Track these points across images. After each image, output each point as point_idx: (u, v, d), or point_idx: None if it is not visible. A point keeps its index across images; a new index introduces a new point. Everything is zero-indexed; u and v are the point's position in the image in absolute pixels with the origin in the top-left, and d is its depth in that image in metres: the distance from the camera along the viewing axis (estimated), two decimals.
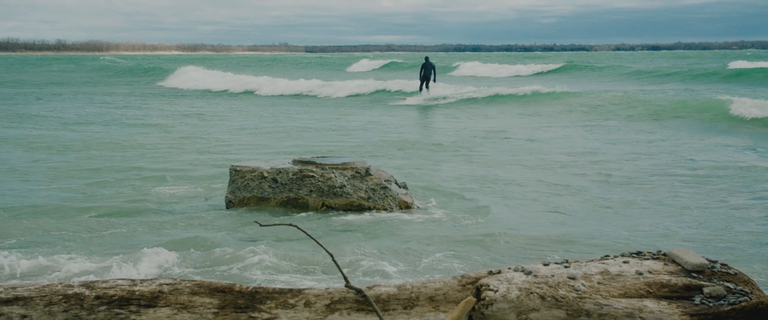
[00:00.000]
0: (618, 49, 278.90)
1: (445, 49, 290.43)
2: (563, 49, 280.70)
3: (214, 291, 3.65)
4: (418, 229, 8.18)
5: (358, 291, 3.55)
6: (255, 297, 3.60)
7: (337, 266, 3.76)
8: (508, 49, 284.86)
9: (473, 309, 3.34)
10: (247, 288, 3.67)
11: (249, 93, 36.53)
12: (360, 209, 9.06)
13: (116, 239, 7.78)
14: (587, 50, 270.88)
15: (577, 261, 3.61)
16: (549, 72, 56.05)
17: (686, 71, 46.37)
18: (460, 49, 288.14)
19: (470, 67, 65.34)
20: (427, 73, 30.08)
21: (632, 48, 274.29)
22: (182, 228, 8.24)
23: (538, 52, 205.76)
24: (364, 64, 79.13)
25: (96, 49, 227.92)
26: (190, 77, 44.52)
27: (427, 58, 30.75)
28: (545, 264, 3.57)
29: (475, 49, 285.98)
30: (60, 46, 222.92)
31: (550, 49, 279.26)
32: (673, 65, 59.89)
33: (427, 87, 30.19)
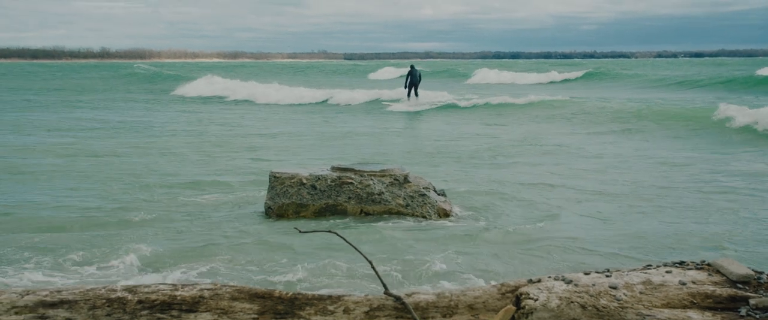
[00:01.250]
0: (659, 56, 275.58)
1: (484, 56, 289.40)
2: (604, 56, 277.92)
3: (253, 296, 3.67)
4: (457, 237, 8.14)
5: (397, 298, 3.54)
6: (294, 303, 3.62)
7: (376, 273, 3.76)
8: (548, 56, 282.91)
9: (513, 318, 3.32)
10: (287, 294, 3.68)
11: (249, 102, 36.43)
12: (398, 216, 9.05)
13: (157, 244, 7.86)
14: (628, 57, 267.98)
15: (619, 271, 3.57)
16: (570, 80, 55.36)
17: (708, 79, 45.82)
18: (498, 56, 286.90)
19: (486, 74, 64.97)
20: (413, 80, 30.73)
21: (674, 55, 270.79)
22: (222, 233, 8.30)
23: (576, 59, 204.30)
24: (388, 71, 79.78)
25: (139, 56, 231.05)
26: (202, 85, 44.38)
27: (412, 67, 31.50)
28: (586, 274, 3.54)
29: (514, 56, 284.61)
30: (104, 54, 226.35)
31: (591, 56, 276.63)
32: (697, 73, 58.88)
33: (415, 94, 30.76)
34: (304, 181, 9.30)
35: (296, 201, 9.24)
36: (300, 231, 3.79)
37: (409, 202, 9.19)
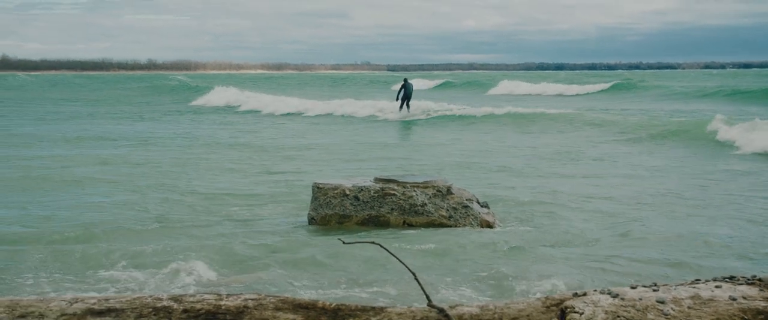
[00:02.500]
0: (707, 67, 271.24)
1: (528, 67, 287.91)
2: (649, 67, 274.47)
3: (297, 307, 3.68)
4: (501, 248, 8.09)
5: (441, 311, 3.52)
6: (338, 314, 3.62)
7: (420, 284, 3.75)
8: (592, 67, 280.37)
9: None
10: (330, 305, 3.69)
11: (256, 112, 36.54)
12: (442, 228, 9.03)
13: (202, 254, 7.93)
14: (674, 68, 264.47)
15: (666, 285, 3.51)
16: (593, 93, 54.70)
17: (728, 90, 45.22)
18: (542, 67, 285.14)
19: (508, 86, 64.69)
20: (406, 93, 31.31)
21: (722, 66, 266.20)
22: (265, 244, 8.35)
23: (619, 70, 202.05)
24: (418, 83, 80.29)
25: (185, 68, 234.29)
26: (221, 96, 44.49)
27: (405, 80, 32.08)
28: (633, 287, 3.49)
29: (558, 67, 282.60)
30: (150, 66, 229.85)
31: (636, 67, 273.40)
32: (725, 84, 57.77)
33: (407, 106, 31.34)
34: (347, 192, 9.33)
35: (339, 212, 9.27)
36: (343, 242, 3.80)
37: (452, 214, 9.16)
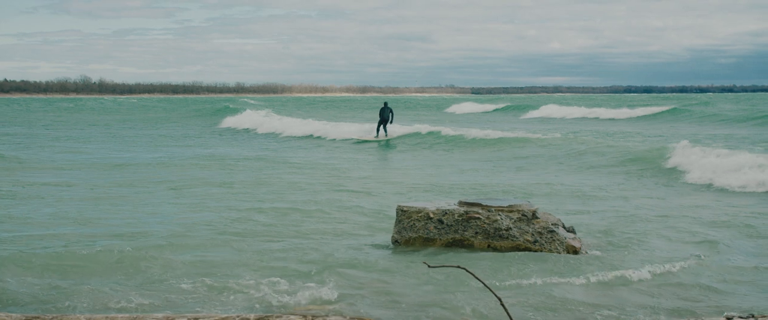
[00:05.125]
0: None
1: (615, 90, 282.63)
2: (743, 90, 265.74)
3: None
4: (588, 275, 7.92)
5: None
6: None
7: (505, 310, 3.72)
8: (683, 90, 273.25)
9: None
10: None
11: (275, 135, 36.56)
12: (527, 252, 8.92)
13: (285, 274, 8.02)
14: None
15: (765, 317, 3.39)
16: (640, 117, 53.00)
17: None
18: (629, 90, 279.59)
19: (552, 109, 63.73)
20: (383, 117, 31.71)
21: None
22: (349, 265, 8.39)
23: (710, 93, 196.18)
24: (467, 106, 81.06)
25: (272, 90, 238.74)
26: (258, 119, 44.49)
27: (385, 103, 32.52)
28: (729, 318, 3.38)
29: (647, 90, 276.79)
30: (239, 89, 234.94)
31: (729, 90, 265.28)
32: None
33: (384, 130, 31.68)
34: (431, 215, 9.31)
35: (423, 235, 9.26)
36: (429, 266, 3.80)
37: (538, 238, 9.04)
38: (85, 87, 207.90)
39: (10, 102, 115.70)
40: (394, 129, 32.46)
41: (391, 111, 31.86)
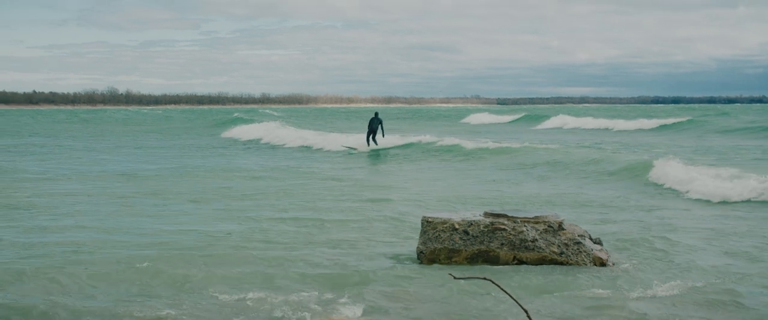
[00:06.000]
0: None
1: (642, 101, 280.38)
2: None
3: None
4: (617, 287, 7.84)
5: None
6: None
7: None
8: (711, 101, 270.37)
9: None
10: None
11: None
12: (553, 264, 8.85)
13: (312, 285, 8.02)
14: None
15: None
16: (654, 128, 52.42)
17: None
18: (657, 101, 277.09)
19: (564, 119, 63.63)
20: (373, 126, 31.59)
21: None
22: (375, 276, 8.37)
23: (737, 104, 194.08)
24: (481, 116, 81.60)
25: (297, 101, 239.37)
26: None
27: (376, 114, 32.46)
28: None
29: (675, 101, 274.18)
30: (264, 100, 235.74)
31: (758, 101, 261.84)
32: None
33: (374, 140, 31.59)
34: (457, 226, 9.27)
35: (448, 246, 9.21)
36: (455, 278, 3.77)
37: (564, 250, 8.97)
38: (113, 98, 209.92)
39: (36, 114, 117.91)
40: (421, 138, 32.23)
41: (380, 122, 31.82)
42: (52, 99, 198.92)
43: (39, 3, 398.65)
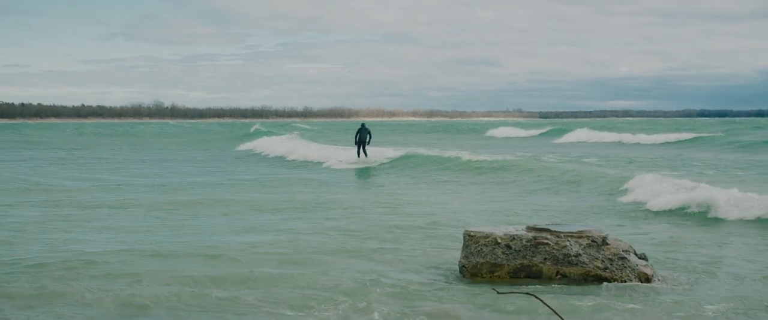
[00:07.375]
0: None
1: (688, 114, 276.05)
2: None
3: None
4: (664, 305, 7.70)
5: None
6: None
7: None
8: (760, 114, 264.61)
9: None
10: None
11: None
12: (597, 280, 8.73)
13: (360, 297, 8.00)
14: None
15: None
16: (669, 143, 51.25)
17: None
18: (703, 114, 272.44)
19: (581, 134, 62.78)
20: (362, 137, 31.31)
21: None
22: (420, 292, 8.32)
23: (764, 119, 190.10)
24: (504, 130, 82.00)
25: (338, 115, 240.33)
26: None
27: (363, 124, 32.19)
28: None
29: (721, 114, 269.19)
30: (306, 113, 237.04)
31: None
32: None
33: (363, 151, 31.27)
34: (499, 241, 9.19)
35: (490, 261, 9.14)
36: (498, 292, 3.74)
37: (608, 265, 8.84)
38: (158, 111, 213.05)
39: (79, 126, 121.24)
40: (465, 152, 31.94)
41: (368, 132, 31.66)
42: (100, 113, 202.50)
43: (88, 18, 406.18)
